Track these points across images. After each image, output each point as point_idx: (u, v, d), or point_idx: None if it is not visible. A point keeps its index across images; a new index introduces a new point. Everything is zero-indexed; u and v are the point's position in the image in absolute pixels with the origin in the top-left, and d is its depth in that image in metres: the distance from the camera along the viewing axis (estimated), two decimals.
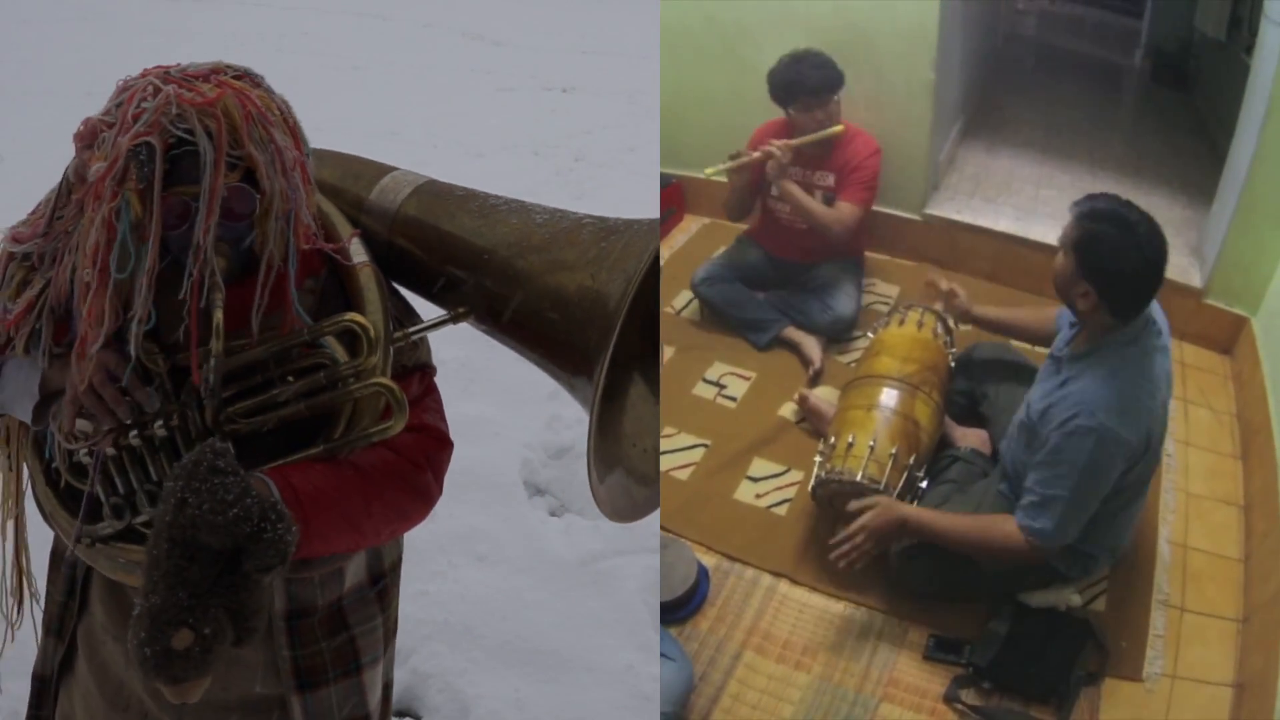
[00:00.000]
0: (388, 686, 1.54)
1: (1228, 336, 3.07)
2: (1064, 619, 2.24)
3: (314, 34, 9.27)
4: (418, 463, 1.31)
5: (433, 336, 1.36)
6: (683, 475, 2.73)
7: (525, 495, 3.11)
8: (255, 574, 1.10)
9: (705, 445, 2.82)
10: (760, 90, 3.07)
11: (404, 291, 1.41)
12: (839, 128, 3.02)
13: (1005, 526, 2.15)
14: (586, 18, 10.34)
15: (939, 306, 2.73)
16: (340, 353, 1.24)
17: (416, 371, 1.36)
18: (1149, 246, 2.05)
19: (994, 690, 2.17)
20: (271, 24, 9.41)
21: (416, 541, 2.88)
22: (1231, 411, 2.88)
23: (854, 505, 2.22)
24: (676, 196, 3.85)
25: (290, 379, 1.22)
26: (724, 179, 3.09)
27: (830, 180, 3.10)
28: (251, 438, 1.22)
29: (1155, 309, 2.16)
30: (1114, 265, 2.05)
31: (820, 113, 3.01)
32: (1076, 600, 2.28)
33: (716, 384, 3.05)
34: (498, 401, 3.45)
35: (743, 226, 3.35)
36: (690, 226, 3.83)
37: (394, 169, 1.44)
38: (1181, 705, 2.14)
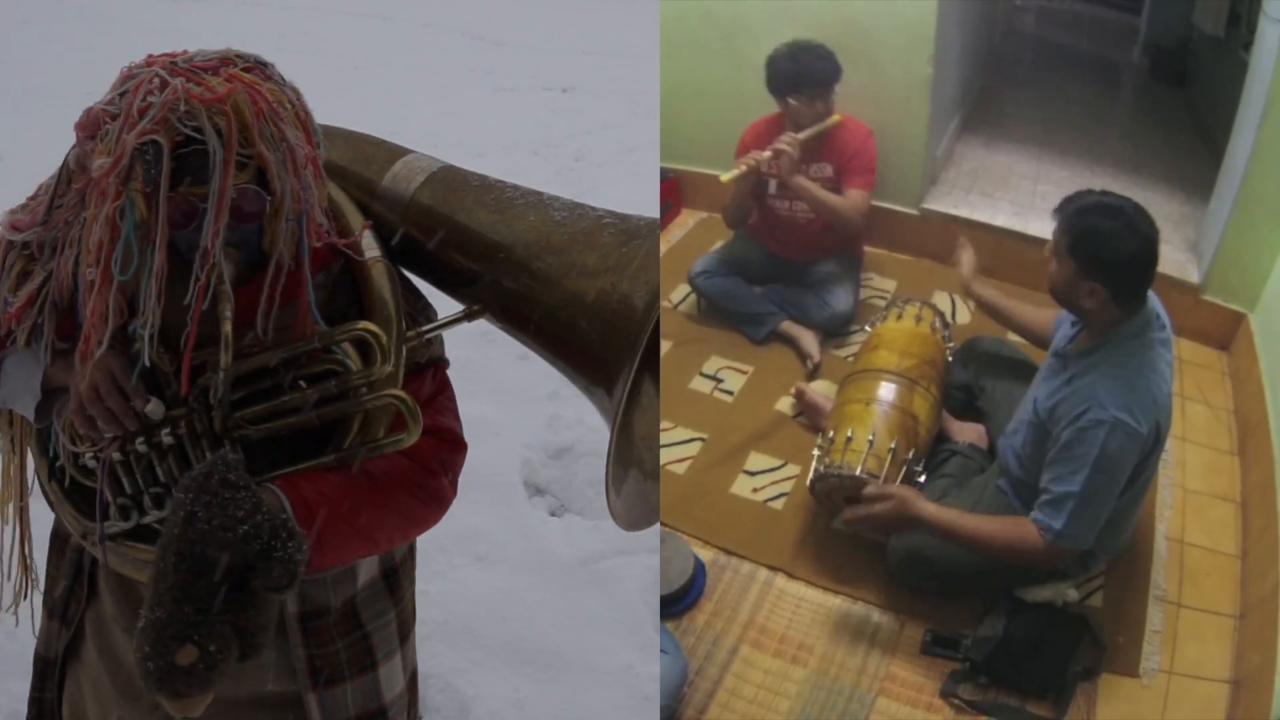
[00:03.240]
0: (413, 675, 1.51)
1: (1225, 333, 3.06)
2: (1061, 614, 2.23)
3: (314, 34, 9.26)
4: (432, 468, 1.27)
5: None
6: (680, 469, 2.73)
7: (525, 495, 3.10)
8: (264, 592, 1.07)
9: (702, 439, 2.82)
10: (758, 85, 3.07)
11: (417, 281, 1.36)
12: (837, 118, 3.03)
13: (1025, 529, 2.12)
14: (586, 18, 10.32)
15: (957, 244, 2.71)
16: (353, 357, 1.19)
17: (430, 367, 1.31)
18: (1141, 226, 2.05)
19: (991, 685, 2.17)
20: (271, 24, 9.40)
21: (416, 541, 2.89)
22: (1229, 408, 2.87)
23: (870, 490, 2.18)
24: (673, 191, 3.85)
25: (301, 383, 1.18)
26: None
27: (829, 171, 3.09)
28: (260, 443, 1.18)
29: (1156, 301, 2.16)
30: (1115, 254, 2.05)
31: (821, 104, 3.01)
32: (1074, 596, 2.27)
33: (713, 378, 3.05)
34: (498, 401, 3.44)
35: None
36: (687, 221, 3.83)
37: (407, 152, 1.39)
38: (1178, 701, 2.14)
